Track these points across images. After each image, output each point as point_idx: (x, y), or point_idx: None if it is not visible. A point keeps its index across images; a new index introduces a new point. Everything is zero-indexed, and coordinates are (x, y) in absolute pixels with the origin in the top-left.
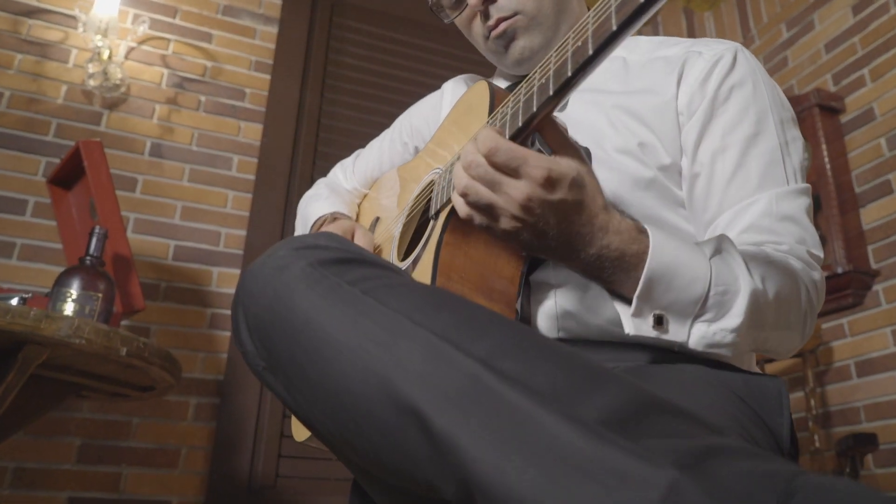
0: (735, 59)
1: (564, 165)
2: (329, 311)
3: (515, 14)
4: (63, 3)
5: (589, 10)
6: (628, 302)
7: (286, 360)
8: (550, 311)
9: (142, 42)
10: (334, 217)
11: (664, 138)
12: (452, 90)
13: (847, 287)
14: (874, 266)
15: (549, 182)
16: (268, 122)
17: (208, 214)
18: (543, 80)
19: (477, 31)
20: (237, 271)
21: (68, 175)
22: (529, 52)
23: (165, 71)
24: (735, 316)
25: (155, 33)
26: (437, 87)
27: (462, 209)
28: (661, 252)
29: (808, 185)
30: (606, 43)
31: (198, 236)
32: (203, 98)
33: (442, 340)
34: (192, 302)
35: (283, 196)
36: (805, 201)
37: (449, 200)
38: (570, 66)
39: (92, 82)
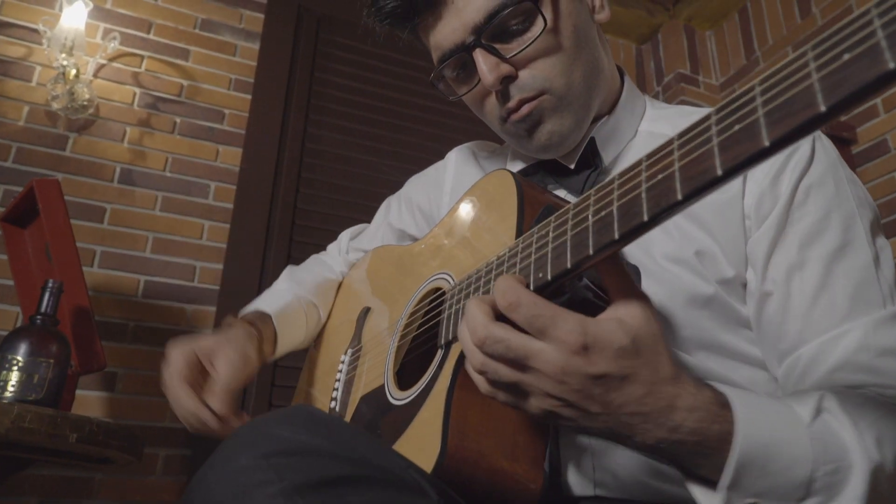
0: (813, 151)
1: (608, 328)
2: None
3: (542, 94)
4: (26, 16)
5: (620, 72)
6: (708, 483)
7: None
8: (586, 468)
9: (112, 59)
10: (230, 323)
11: (727, 246)
12: (457, 164)
13: None
14: None
15: (587, 350)
16: (248, 146)
17: (182, 247)
18: (603, 214)
19: (491, 112)
20: (213, 309)
21: (23, 214)
22: (559, 138)
23: (137, 90)
24: (851, 500)
25: (127, 49)
26: (431, 112)
27: (483, 387)
28: (752, 431)
29: None
30: (703, 189)
31: (170, 271)
32: (178, 120)
33: None
34: (163, 343)
35: (263, 226)
36: None
37: None
38: (645, 209)
39: (56, 105)
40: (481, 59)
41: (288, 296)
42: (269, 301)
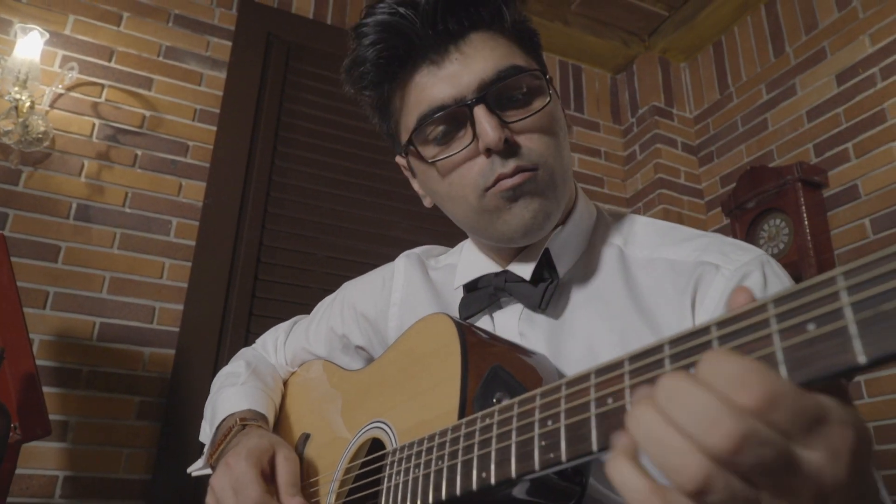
0: (765, 277)
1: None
2: None
3: (537, 168)
4: None
5: (576, 188)
6: None
7: None
8: None
9: (70, 88)
10: (244, 424)
11: None
12: (406, 274)
13: None
14: None
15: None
16: (212, 180)
17: (140, 286)
18: (550, 429)
19: (474, 178)
20: (171, 352)
21: None
22: (542, 218)
23: (97, 121)
24: None
25: (86, 78)
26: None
27: None
28: None
29: None
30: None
31: (128, 312)
32: (139, 152)
33: None
34: (118, 389)
35: (227, 264)
36: None
37: None
38: (594, 437)
39: (7, 140)
40: (484, 117)
41: (265, 397)
42: (254, 399)
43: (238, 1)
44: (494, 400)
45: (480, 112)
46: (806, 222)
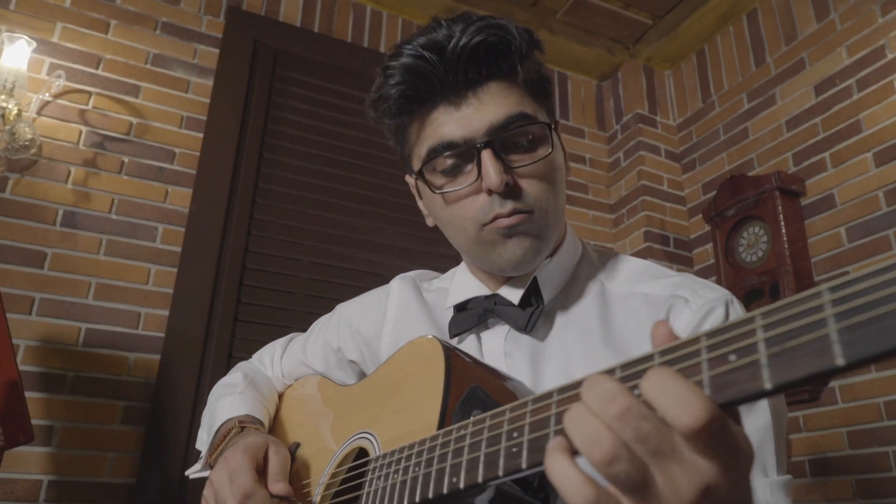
0: (727, 314)
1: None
2: None
3: (532, 211)
4: None
5: (566, 225)
6: None
7: None
8: None
9: (58, 96)
10: (242, 426)
11: None
12: (401, 295)
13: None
14: None
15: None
16: (198, 187)
17: (126, 292)
18: (515, 441)
19: (474, 213)
20: (157, 357)
21: None
22: (531, 256)
23: (84, 128)
24: None
25: (73, 85)
26: (390, 152)
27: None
28: None
29: (790, 477)
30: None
31: (113, 318)
32: (126, 159)
33: None
34: (103, 394)
35: (212, 270)
36: (790, 498)
37: None
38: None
39: None
40: (490, 161)
41: (261, 406)
42: (251, 407)
43: (225, 9)
44: (472, 416)
45: (487, 156)
46: (783, 230)
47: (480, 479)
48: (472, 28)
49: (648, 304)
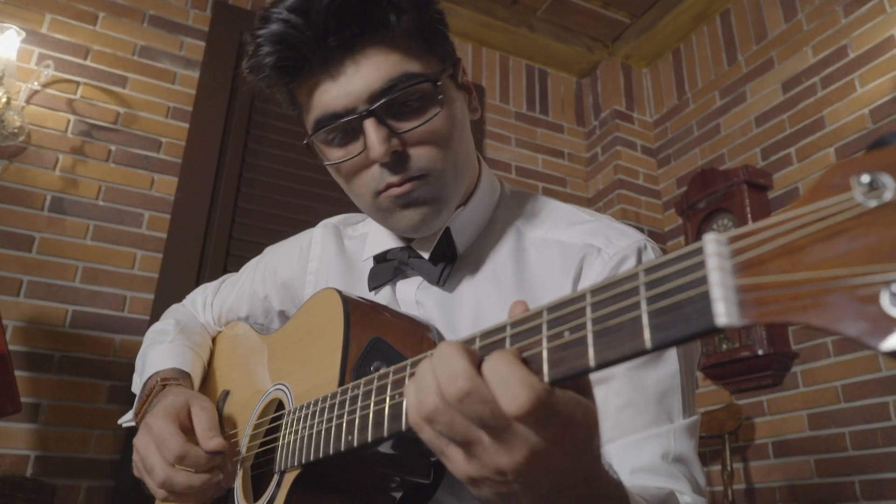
0: (639, 262)
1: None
2: None
3: (424, 175)
4: None
5: (479, 159)
6: None
7: None
8: None
9: (46, 85)
10: (165, 384)
11: None
12: (323, 243)
13: (767, 368)
14: (794, 348)
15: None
16: (184, 175)
17: (113, 276)
18: (396, 402)
19: (366, 184)
20: (141, 339)
21: None
22: (430, 221)
23: (72, 117)
24: None
25: (62, 75)
26: None
27: (428, 432)
28: None
29: (699, 416)
30: None
31: (100, 301)
32: (113, 148)
33: None
34: (89, 374)
35: (196, 256)
36: (696, 438)
37: (298, 465)
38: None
39: None
40: (372, 130)
41: (190, 354)
42: (179, 358)
43: (212, 3)
44: (371, 369)
45: (370, 125)
46: (750, 222)
47: (370, 440)
48: None
49: (562, 252)
